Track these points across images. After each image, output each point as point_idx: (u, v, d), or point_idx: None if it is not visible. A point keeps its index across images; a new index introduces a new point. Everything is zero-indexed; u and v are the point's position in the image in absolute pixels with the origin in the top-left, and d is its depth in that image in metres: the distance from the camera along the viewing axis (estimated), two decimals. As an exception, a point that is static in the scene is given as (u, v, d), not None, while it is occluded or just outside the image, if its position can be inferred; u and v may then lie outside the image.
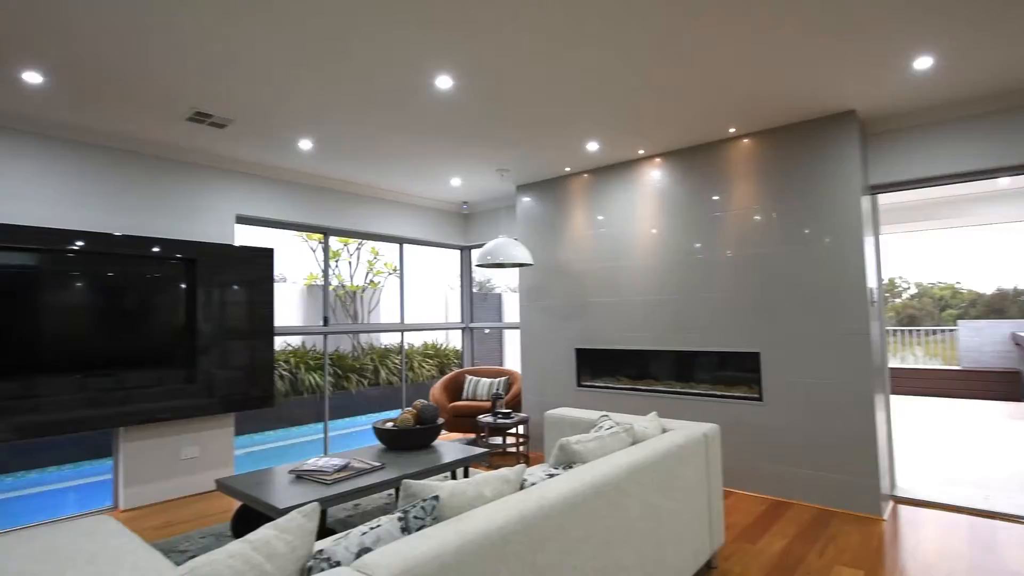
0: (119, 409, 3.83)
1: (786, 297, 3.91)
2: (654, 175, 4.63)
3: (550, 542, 1.68)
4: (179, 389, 4.11)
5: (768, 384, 3.97)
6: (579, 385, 5.04)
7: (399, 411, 3.97)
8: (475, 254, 6.80)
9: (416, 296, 6.17)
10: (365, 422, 8.43)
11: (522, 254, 4.77)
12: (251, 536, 1.29)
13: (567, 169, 5.05)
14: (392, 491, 4.14)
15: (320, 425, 5.59)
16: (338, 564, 1.34)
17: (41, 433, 3.54)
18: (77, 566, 1.90)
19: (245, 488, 2.94)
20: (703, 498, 2.66)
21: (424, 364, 9.36)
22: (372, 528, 1.47)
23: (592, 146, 4.37)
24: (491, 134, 4.05)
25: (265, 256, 4.62)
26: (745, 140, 4.15)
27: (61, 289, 3.66)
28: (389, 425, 3.83)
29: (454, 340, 10.52)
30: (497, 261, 4.74)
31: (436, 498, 1.60)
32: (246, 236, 4.75)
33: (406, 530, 1.49)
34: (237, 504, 3.97)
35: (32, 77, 2.99)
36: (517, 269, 5.58)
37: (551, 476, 2.05)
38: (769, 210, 4.01)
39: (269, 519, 3.26)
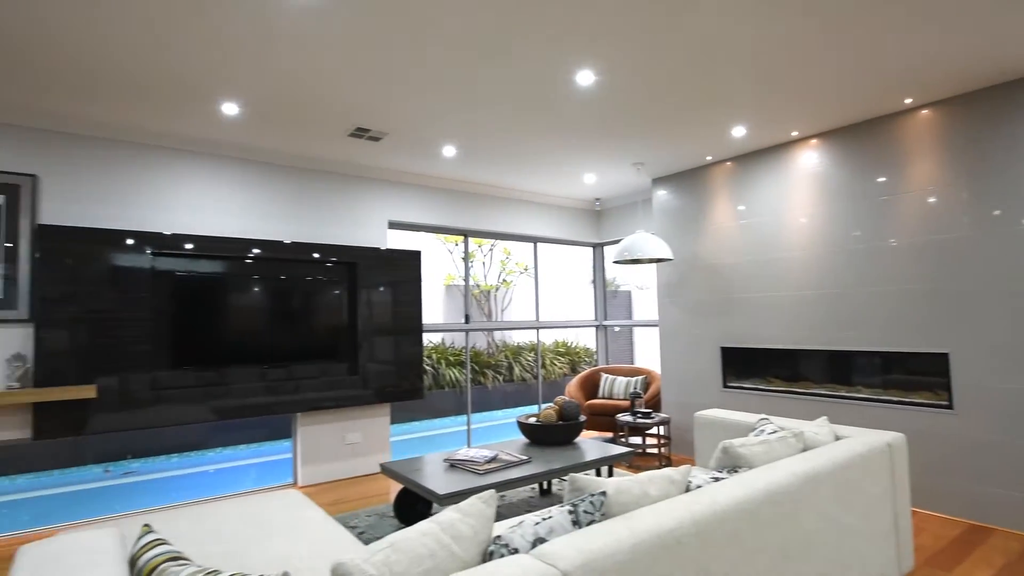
0: (291, 397, 4.32)
1: (979, 289, 3.36)
2: (808, 158, 4.24)
3: (724, 549, 1.60)
4: (342, 381, 4.54)
5: (960, 390, 3.44)
6: (725, 386, 4.76)
7: (535, 407, 4.03)
8: (608, 251, 6.71)
9: (547, 294, 6.25)
10: (501, 416, 8.72)
11: (660, 249, 4.62)
12: (438, 518, 1.37)
13: (708, 158, 4.80)
14: (535, 485, 4.21)
15: (460, 417, 5.87)
16: (516, 551, 1.38)
17: (232, 415, 4.10)
18: (281, 532, 2.17)
19: (406, 473, 3.16)
20: (888, 515, 2.38)
21: (555, 362, 9.44)
22: (544, 519, 1.49)
23: (738, 132, 4.10)
24: (629, 128, 3.97)
25: (414, 258, 4.95)
26: (924, 111, 3.63)
27: (242, 291, 4.21)
28: (532, 420, 3.91)
29: (583, 338, 10.48)
30: (634, 257, 4.63)
31: (603, 494, 1.59)
32: (395, 240, 5.12)
33: (577, 524, 1.51)
34: (396, 486, 4.29)
35: (230, 108, 3.48)
36: (653, 265, 5.41)
37: (716, 480, 1.95)
38: (953, 190, 3.47)
39: (428, 502, 3.48)
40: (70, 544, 1.33)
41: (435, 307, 9.20)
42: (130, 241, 3.71)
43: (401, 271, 4.88)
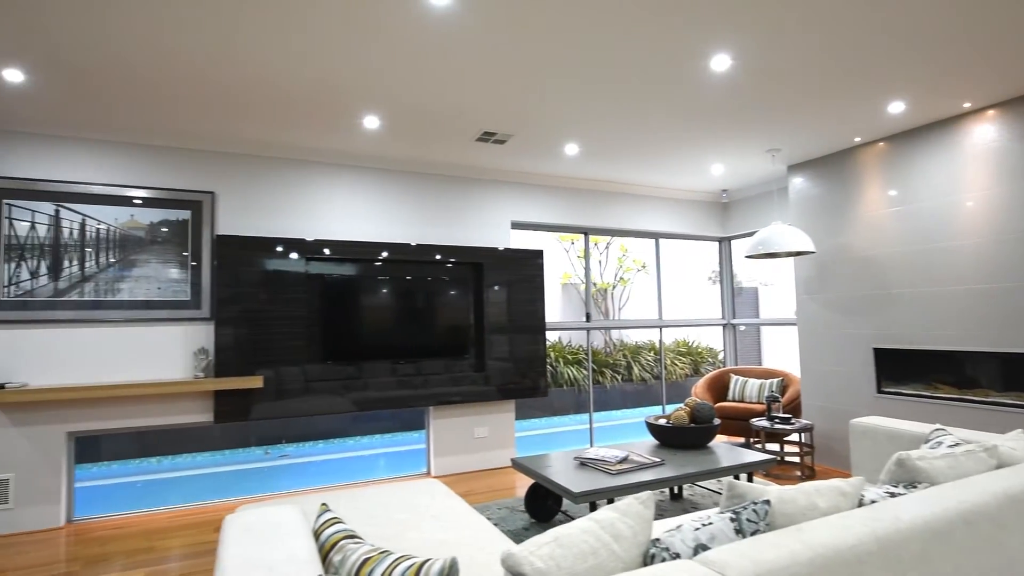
0: (424, 391, 4.55)
1: None
2: (983, 133, 3.69)
3: (910, 572, 1.43)
4: (468, 377, 4.71)
5: None
6: (879, 391, 4.29)
7: (658, 408, 3.90)
8: (735, 245, 6.34)
9: (668, 291, 6.03)
10: (620, 416, 8.57)
11: (800, 241, 4.27)
12: (597, 516, 1.37)
13: (857, 139, 4.35)
14: (666, 488, 4.09)
15: (578, 416, 5.84)
16: (677, 556, 1.34)
17: (371, 407, 4.40)
18: (431, 519, 2.29)
19: (537, 468, 3.21)
20: (1113, 550, 1.99)
21: (676, 362, 9.09)
22: (704, 524, 1.44)
23: (895, 108, 3.68)
24: (765, 112, 3.71)
25: (537, 257, 5.02)
26: None
27: (376, 291, 4.51)
28: (662, 422, 3.79)
29: (705, 337, 10.00)
30: (770, 251, 4.33)
31: (767, 502, 1.49)
32: (515, 240, 5.22)
33: (740, 532, 1.43)
34: (523, 481, 4.38)
35: (371, 122, 3.75)
36: (780, 260, 5.02)
37: (892, 495, 1.75)
38: None
39: (558, 499, 3.50)
40: (268, 516, 1.50)
41: (552, 305, 9.27)
42: (281, 248, 4.13)
43: (524, 270, 4.97)
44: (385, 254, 4.48)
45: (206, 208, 4.00)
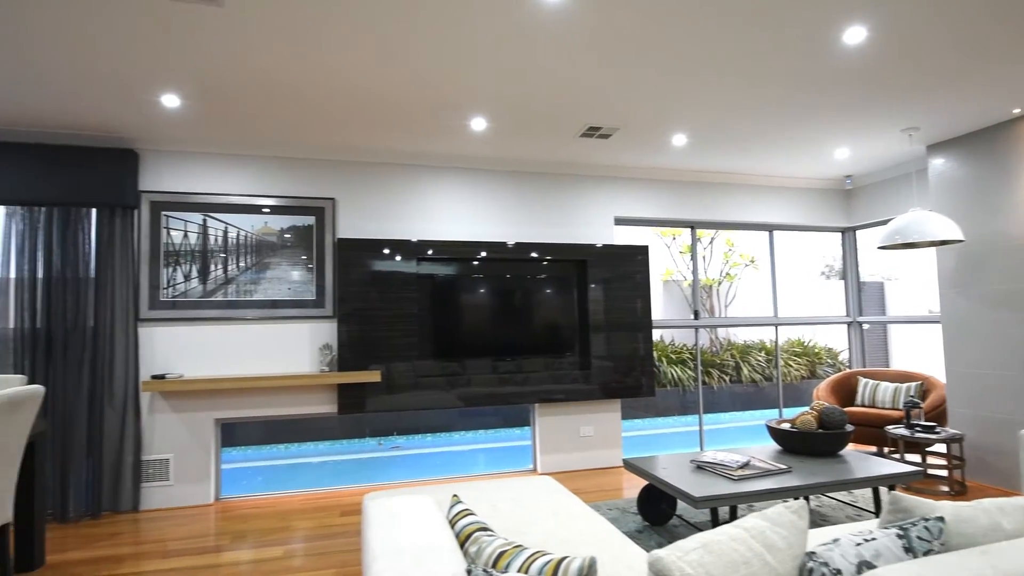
0: (523, 388, 4.58)
1: None
2: None
3: None
4: (570, 375, 4.68)
5: None
6: (1050, 399, 3.73)
7: (774, 412, 3.64)
8: (861, 235, 5.80)
9: (780, 288, 5.63)
10: (729, 419, 8.15)
11: (947, 229, 3.81)
12: (744, 524, 1.29)
13: (1016, 111, 3.81)
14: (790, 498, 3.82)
15: (684, 418, 5.61)
16: (838, 572, 1.23)
17: (474, 403, 4.49)
18: (550, 516, 2.29)
19: (651, 470, 3.11)
20: None
21: (791, 363, 8.49)
22: (866, 540, 1.31)
23: (1070, 71, 3.17)
24: (903, 86, 3.35)
25: (641, 253, 4.89)
26: None
27: (480, 290, 4.59)
28: (785, 426, 3.54)
29: (821, 336, 9.25)
30: (909, 240, 3.91)
31: (941, 519, 1.33)
32: (617, 236, 5.10)
33: (909, 551, 1.29)
34: (632, 482, 4.28)
35: (478, 124, 3.83)
36: (910, 253, 4.51)
37: (1095, 519, 1.50)
38: None
39: (672, 502, 3.39)
40: (407, 504, 1.56)
41: (654, 303, 8.99)
42: (393, 249, 4.32)
43: (628, 266, 4.86)
44: (486, 253, 4.56)
45: (328, 213, 4.29)
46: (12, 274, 3.68)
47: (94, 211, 3.85)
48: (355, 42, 2.71)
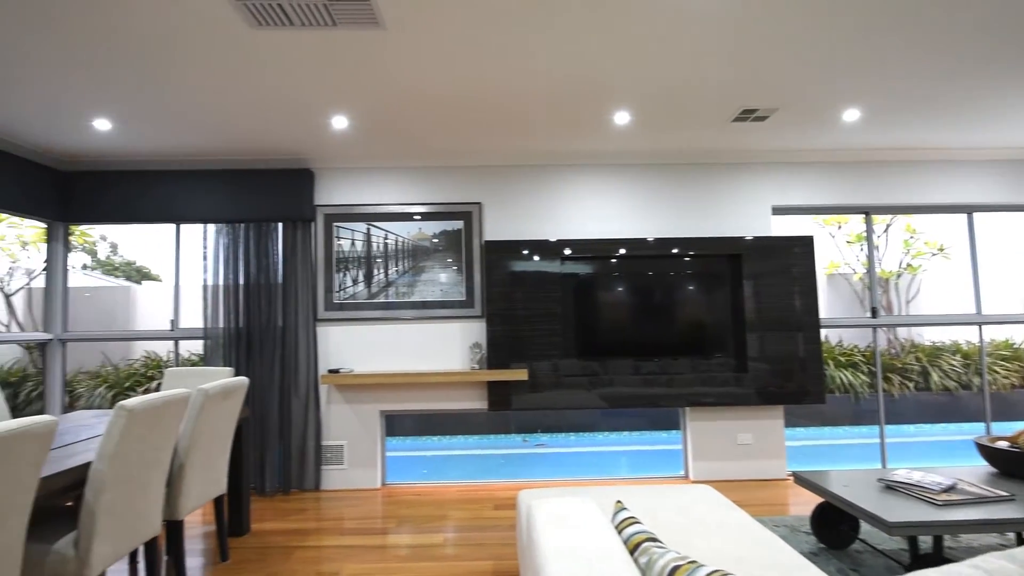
0: (670, 391, 4.35)
1: None
2: None
3: None
4: (720, 378, 4.36)
5: None
6: None
7: (976, 426, 3.04)
8: (1101, 213, 4.69)
9: (983, 279, 4.73)
10: (915, 432, 7.09)
11: None
12: (985, 564, 1.07)
13: None
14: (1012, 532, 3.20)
15: (857, 428, 4.98)
16: None
17: (619, 404, 4.36)
18: (715, 530, 2.14)
19: (830, 487, 2.78)
20: None
21: (995, 368, 7.15)
22: None
23: None
24: None
25: (805, 245, 4.42)
26: None
27: (623, 288, 4.45)
28: (1003, 444, 2.97)
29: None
30: None
31: None
32: (774, 227, 4.67)
33: None
34: (798, 497, 3.88)
35: (621, 118, 3.73)
36: None
37: None
38: None
39: (854, 524, 3.01)
40: (572, 507, 1.54)
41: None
42: (536, 249, 4.36)
43: (789, 259, 4.42)
44: (625, 250, 4.42)
45: (475, 217, 4.47)
46: (221, 282, 4.33)
47: (280, 225, 4.39)
48: (501, 52, 2.77)
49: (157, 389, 6.02)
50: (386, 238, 4.48)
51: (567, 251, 4.39)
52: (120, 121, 3.61)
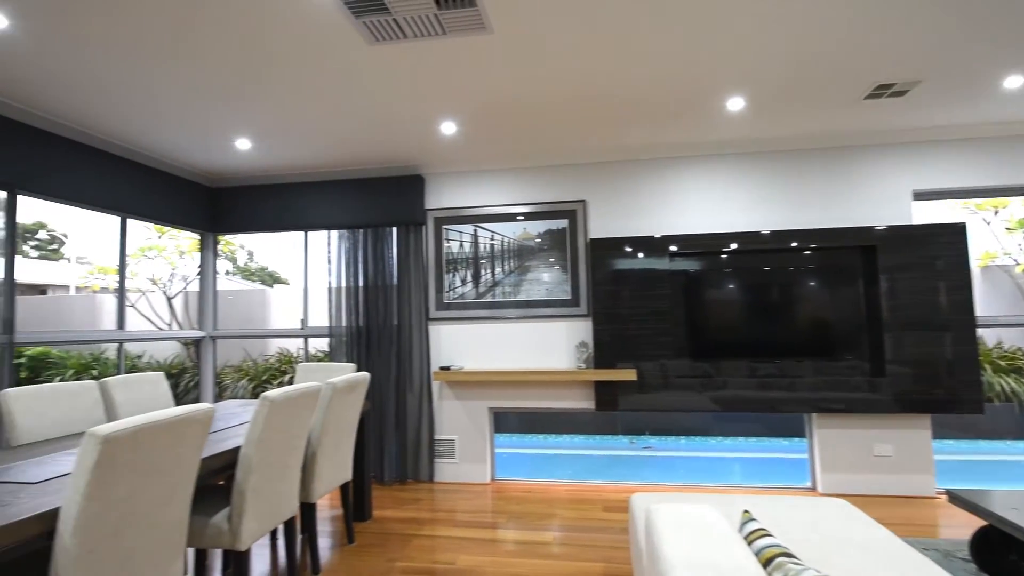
0: (792, 395, 4.02)
1: None
2: None
3: None
4: (854, 382, 3.97)
5: None
6: None
7: None
8: None
9: None
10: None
11: None
12: None
13: None
14: None
15: (1018, 444, 4.28)
16: None
17: (733, 408, 4.10)
18: (851, 547, 1.95)
19: (997, 511, 2.43)
20: None
21: None
22: None
23: None
24: None
25: (955, 232, 3.91)
26: None
27: (738, 284, 4.18)
28: None
29: None
30: None
31: None
32: (916, 214, 4.16)
33: None
34: (950, 517, 3.44)
35: (735, 104, 3.52)
36: None
37: None
38: None
39: (1020, 546, 2.62)
40: (696, 515, 1.47)
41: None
42: (642, 246, 4.23)
43: (934, 250, 3.93)
44: (737, 245, 4.16)
45: (579, 215, 4.43)
46: (344, 283, 4.66)
47: (394, 229, 4.64)
48: (607, 45, 2.72)
49: (290, 382, 6.61)
50: (492, 239, 4.57)
51: (674, 247, 4.22)
52: (257, 139, 4.00)
